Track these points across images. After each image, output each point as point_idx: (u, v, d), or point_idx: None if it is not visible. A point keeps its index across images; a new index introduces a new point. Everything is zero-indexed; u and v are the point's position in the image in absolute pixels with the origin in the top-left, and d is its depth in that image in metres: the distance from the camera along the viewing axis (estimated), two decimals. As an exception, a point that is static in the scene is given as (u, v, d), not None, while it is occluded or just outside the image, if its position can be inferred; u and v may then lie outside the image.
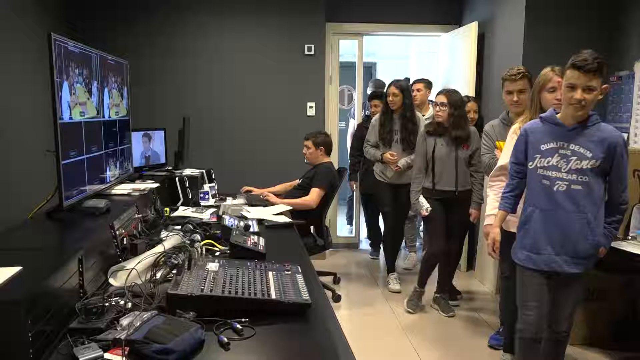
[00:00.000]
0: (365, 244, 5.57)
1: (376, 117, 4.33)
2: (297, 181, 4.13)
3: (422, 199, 3.69)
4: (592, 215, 2.22)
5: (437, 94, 3.74)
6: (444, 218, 3.72)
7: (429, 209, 3.66)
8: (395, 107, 4.14)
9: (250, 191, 4.03)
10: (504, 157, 2.73)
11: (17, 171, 3.51)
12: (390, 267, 4.45)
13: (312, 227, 4.03)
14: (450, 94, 3.66)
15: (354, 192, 5.60)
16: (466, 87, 4.61)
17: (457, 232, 3.83)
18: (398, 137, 4.21)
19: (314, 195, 3.82)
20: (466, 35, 4.71)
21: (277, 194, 3.92)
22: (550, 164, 2.25)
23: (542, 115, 2.33)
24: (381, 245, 4.96)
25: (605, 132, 2.20)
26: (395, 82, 4.18)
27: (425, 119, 4.37)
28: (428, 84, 4.80)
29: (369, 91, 5.84)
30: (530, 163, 2.31)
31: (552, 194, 2.24)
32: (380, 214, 4.69)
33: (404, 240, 4.86)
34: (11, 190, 3.41)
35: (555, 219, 2.25)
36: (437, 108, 3.66)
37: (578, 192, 2.21)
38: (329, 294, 4.11)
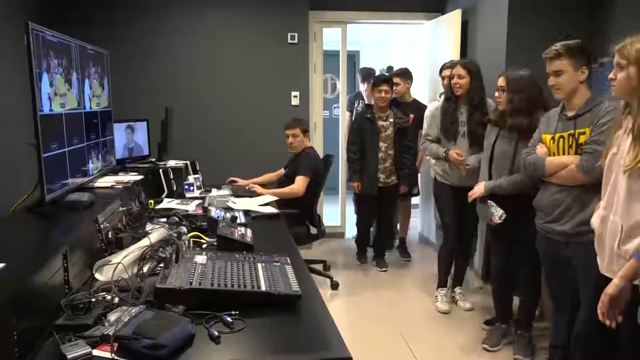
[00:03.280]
0: (350, 233, 5.56)
1: (436, 104, 3.65)
2: (282, 171, 4.11)
3: (493, 203, 2.95)
4: None
5: (499, 76, 3.02)
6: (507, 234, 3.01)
7: (504, 215, 2.91)
8: (461, 92, 3.43)
9: (235, 182, 4.01)
10: None
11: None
12: (442, 282, 3.79)
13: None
14: (508, 75, 2.95)
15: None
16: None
17: (525, 251, 3.00)
18: (465, 130, 3.47)
19: (299, 184, 3.81)
20: (449, 23, 4.70)
21: (261, 185, 3.89)
22: None
23: None
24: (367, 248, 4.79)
25: None
26: (461, 61, 3.56)
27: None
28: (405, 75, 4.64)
29: (359, 80, 5.79)
30: None
31: None
32: (441, 224, 3.92)
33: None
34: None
35: None
36: (497, 93, 3.00)
37: None
38: (327, 281, 4.14)
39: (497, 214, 2.92)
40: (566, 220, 2.41)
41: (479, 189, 3.04)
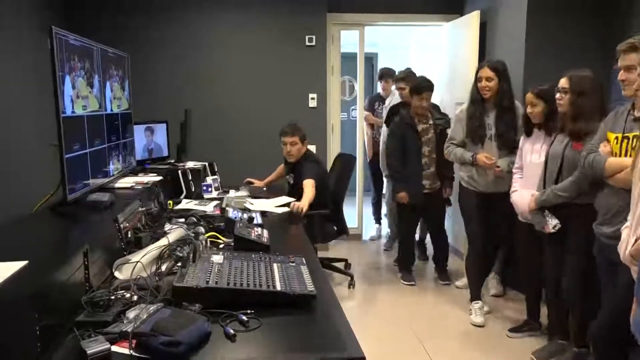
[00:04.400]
0: (367, 233, 5.55)
1: (462, 108, 3.55)
2: (282, 165, 4.09)
3: (548, 212, 2.82)
4: None
5: (562, 77, 2.81)
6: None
7: (558, 225, 2.79)
8: (490, 94, 3.35)
9: (251, 183, 4.04)
10: None
11: (20, 165, 3.51)
12: (475, 295, 3.58)
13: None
14: (572, 76, 2.76)
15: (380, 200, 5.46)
16: (468, 78, 4.57)
17: (577, 263, 2.79)
18: (492, 133, 3.38)
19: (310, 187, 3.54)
20: (468, 25, 4.67)
21: (274, 181, 4.00)
22: None
23: None
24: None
25: None
26: (488, 63, 3.41)
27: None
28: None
29: (378, 80, 5.76)
30: None
31: None
32: (466, 230, 3.69)
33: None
34: (15, 184, 3.41)
35: None
36: (558, 95, 2.79)
37: None
38: (345, 282, 4.16)
39: (552, 223, 2.80)
40: (614, 223, 2.29)
41: (530, 201, 2.89)
